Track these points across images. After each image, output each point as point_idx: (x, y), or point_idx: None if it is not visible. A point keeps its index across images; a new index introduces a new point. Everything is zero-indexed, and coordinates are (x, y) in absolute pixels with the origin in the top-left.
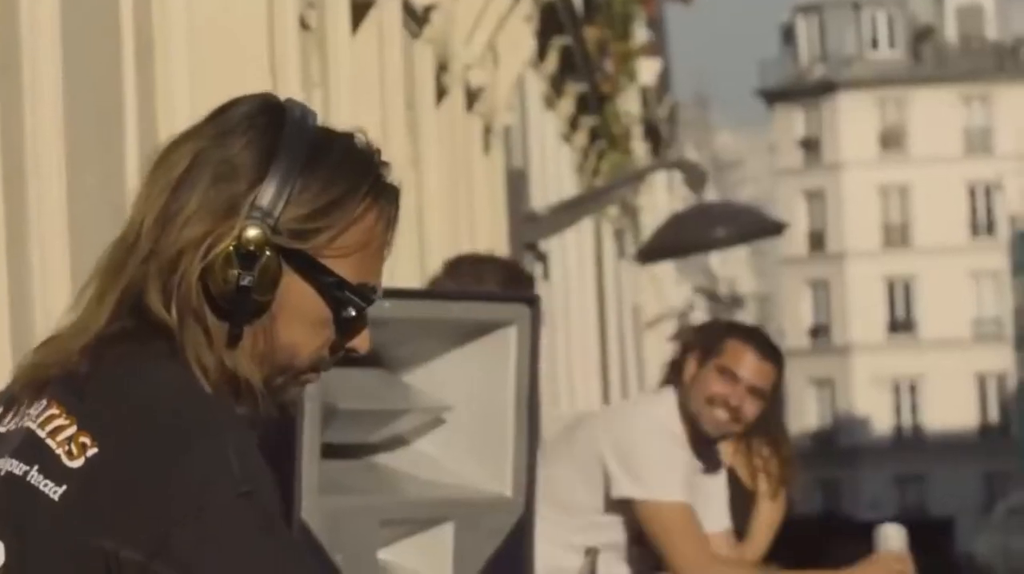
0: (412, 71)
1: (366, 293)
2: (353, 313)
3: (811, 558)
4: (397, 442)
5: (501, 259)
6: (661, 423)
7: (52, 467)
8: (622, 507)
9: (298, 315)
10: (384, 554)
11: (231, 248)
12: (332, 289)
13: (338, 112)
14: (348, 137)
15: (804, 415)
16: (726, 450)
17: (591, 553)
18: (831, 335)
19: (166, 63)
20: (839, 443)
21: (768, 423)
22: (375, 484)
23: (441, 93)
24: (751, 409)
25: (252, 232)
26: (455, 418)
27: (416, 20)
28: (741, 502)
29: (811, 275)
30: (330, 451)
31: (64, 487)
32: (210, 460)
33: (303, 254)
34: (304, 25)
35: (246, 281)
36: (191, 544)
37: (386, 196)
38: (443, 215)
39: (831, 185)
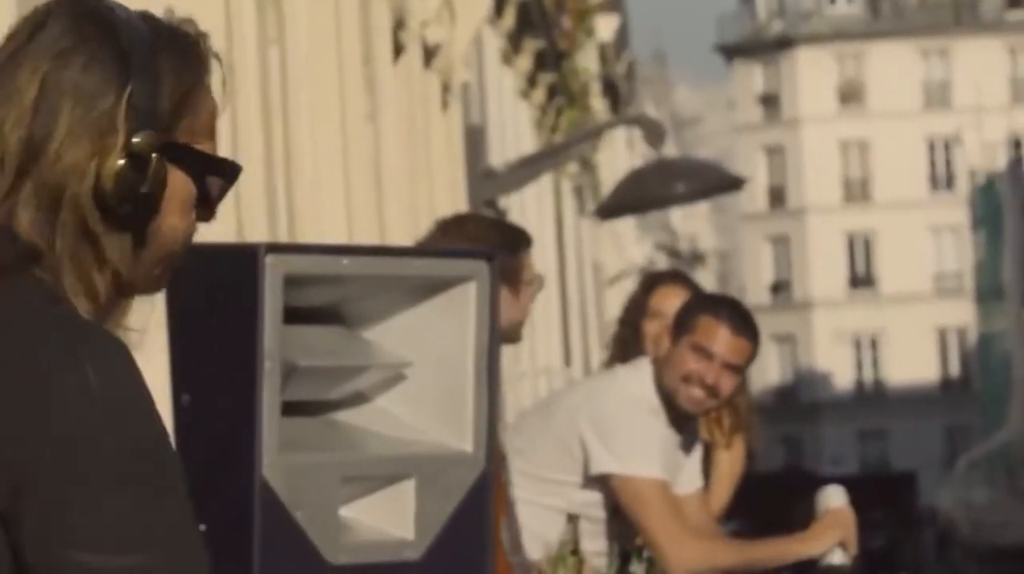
0: (368, 27)
1: (231, 167)
2: (217, 190)
3: (774, 514)
4: (357, 399)
5: (504, 221)
6: (639, 397)
7: None
8: (600, 482)
9: (177, 203)
10: (346, 511)
11: (123, 160)
12: (203, 170)
13: (295, 68)
14: (176, 25)
15: (766, 371)
16: None
17: (573, 520)
18: (792, 291)
19: None
20: (801, 399)
21: None
22: (336, 441)
23: (398, 50)
24: (727, 384)
25: (139, 139)
26: (415, 374)
27: None
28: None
29: (771, 231)
30: (290, 409)
31: None
32: (70, 395)
33: (177, 145)
34: None
35: (145, 188)
36: (55, 486)
37: (214, 75)
38: (401, 172)
39: (791, 141)
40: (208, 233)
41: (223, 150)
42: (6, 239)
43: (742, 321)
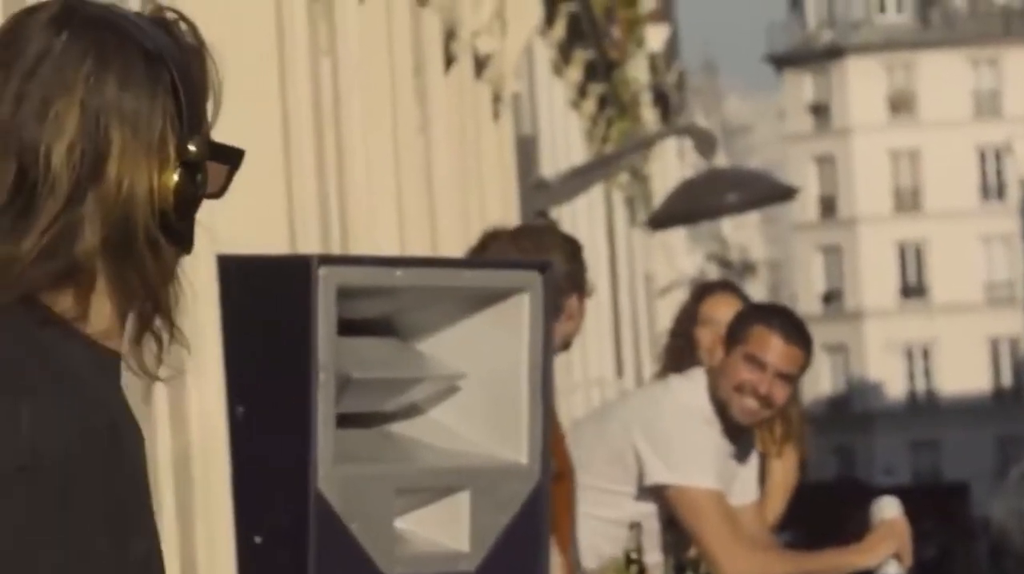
0: (420, 38)
1: (239, 153)
2: (226, 176)
3: (827, 524)
4: (412, 410)
5: (561, 232)
6: (693, 407)
7: None
8: (655, 493)
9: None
10: (400, 523)
11: (178, 173)
12: (219, 159)
13: (346, 80)
14: (168, 18)
15: (818, 381)
16: None
17: (635, 527)
18: (843, 301)
19: None
20: (853, 409)
21: None
22: (390, 453)
23: (449, 60)
24: (780, 394)
25: (194, 148)
26: (469, 386)
27: None
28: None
29: (823, 241)
30: (345, 421)
31: None
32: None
33: (211, 144)
34: None
35: (199, 193)
36: None
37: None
38: (453, 183)
39: (841, 150)
40: (261, 245)
41: (276, 161)
42: (46, 258)
43: (795, 330)
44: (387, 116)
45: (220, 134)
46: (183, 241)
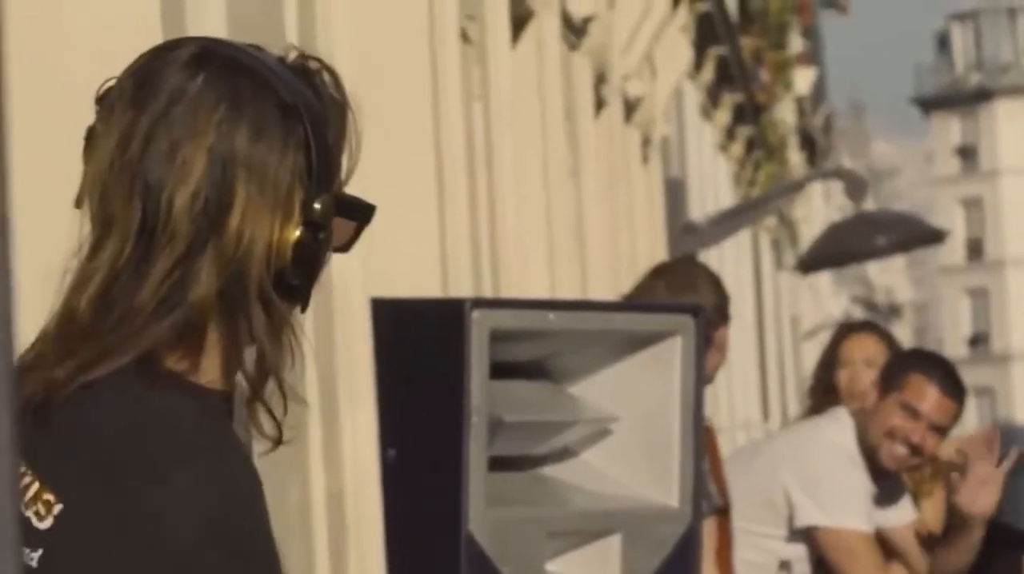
0: (571, 82)
1: (367, 205)
2: (353, 231)
3: (976, 568)
4: (564, 454)
5: (706, 267)
6: (841, 447)
7: (28, 529)
8: (805, 535)
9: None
10: (552, 566)
11: (300, 229)
12: (348, 215)
13: (498, 124)
14: (312, 67)
15: (965, 424)
16: None
17: (785, 566)
18: (990, 344)
19: None
20: (1002, 452)
21: None
22: (542, 496)
23: (599, 104)
24: (932, 444)
25: (319, 206)
26: (621, 429)
27: (574, 32)
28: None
29: (969, 283)
30: (497, 464)
31: (40, 552)
32: (177, 497)
33: (339, 198)
34: (465, 38)
35: (321, 252)
36: None
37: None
38: (603, 226)
39: (989, 193)
40: (415, 289)
41: (429, 205)
42: (168, 312)
43: (952, 383)
44: (538, 160)
45: (377, 178)
46: (298, 298)
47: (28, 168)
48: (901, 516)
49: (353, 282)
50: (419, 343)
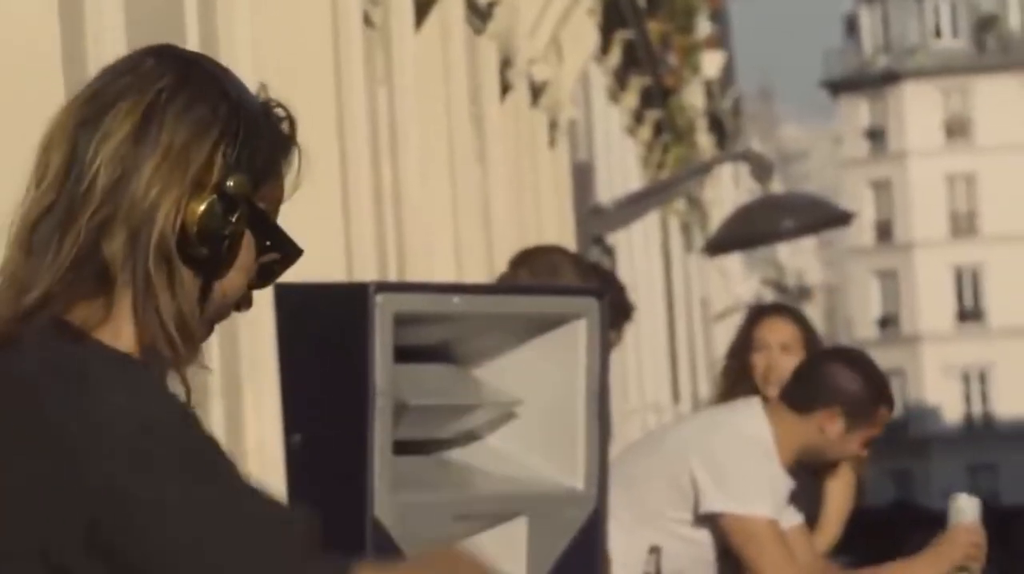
0: (476, 66)
1: (295, 248)
2: (277, 261)
3: (885, 548)
4: (469, 437)
5: (571, 252)
6: (752, 437)
7: None
8: (711, 521)
9: (243, 263)
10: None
11: (213, 199)
12: (268, 242)
13: (403, 108)
14: (270, 102)
15: None
16: None
17: (655, 551)
18: (900, 325)
19: (229, 63)
20: (910, 433)
21: None
22: (447, 479)
23: (505, 88)
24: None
25: (233, 182)
26: (526, 412)
27: (479, 15)
28: (807, 488)
29: (879, 265)
30: (402, 448)
31: None
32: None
33: (258, 206)
34: (368, 22)
35: (228, 231)
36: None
37: (294, 155)
38: (509, 210)
39: (897, 175)
40: (318, 273)
41: (333, 190)
42: (87, 263)
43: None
44: (444, 144)
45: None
46: (202, 271)
47: None
48: (791, 518)
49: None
50: (323, 328)
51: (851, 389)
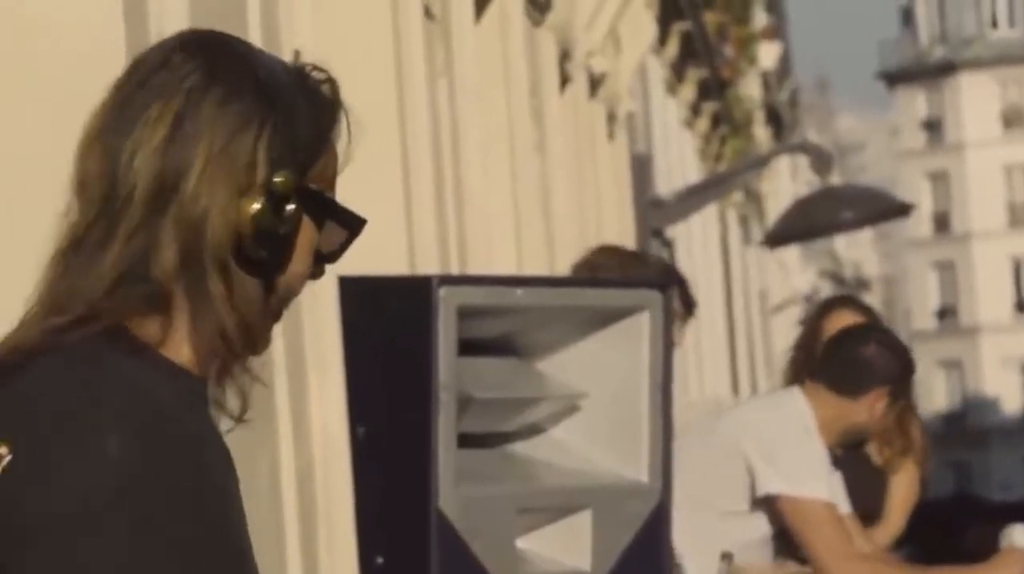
0: (535, 59)
1: (357, 220)
2: (339, 243)
3: (943, 540)
4: (533, 430)
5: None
6: (801, 420)
7: None
8: (766, 503)
9: (304, 251)
10: (522, 542)
11: (261, 202)
12: (329, 216)
13: (463, 101)
14: (307, 69)
15: (933, 397)
16: None
17: (726, 558)
18: (958, 316)
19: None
20: (969, 425)
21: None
22: (512, 472)
23: (564, 80)
24: None
25: (280, 179)
26: (590, 405)
27: (538, 7)
28: (871, 481)
29: (937, 256)
30: (466, 441)
31: None
32: (90, 455)
33: (310, 189)
34: (428, 15)
35: (282, 230)
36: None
37: (342, 120)
38: (569, 203)
39: (955, 166)
40: (382, 266)
41: (395, 182)
42: (135, 280)
43: None
44: (504, 136)
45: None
46: (263, 273)
47: None
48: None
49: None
50: (387, 321)
51: (895, 368)
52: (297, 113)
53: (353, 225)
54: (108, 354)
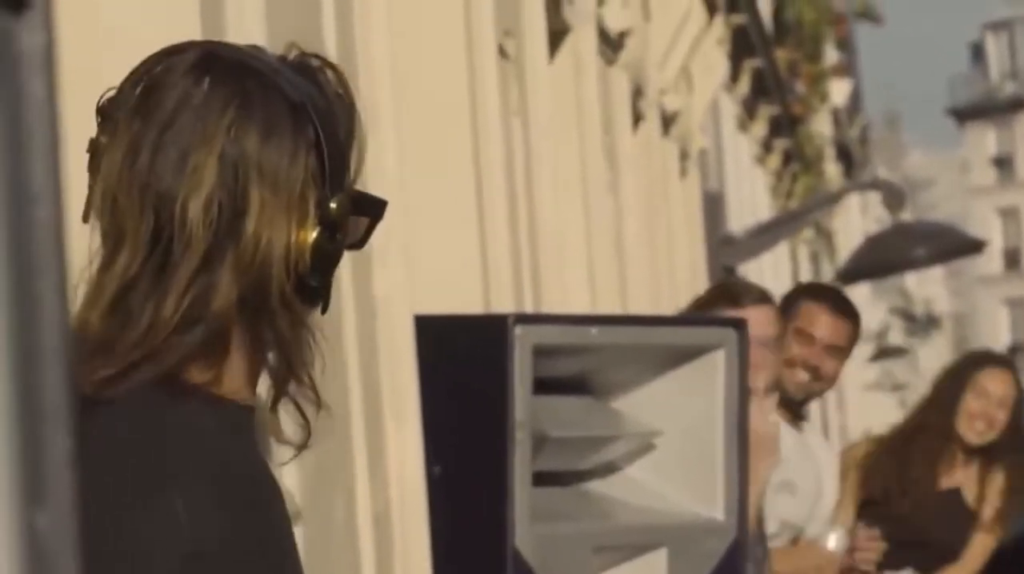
0: (608, 97)
1: (382, 206)
2: (366, 228)
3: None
4: (608, 468)
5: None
6: None
7: None
8: None
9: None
10: None
11: (317, 230)
12: (360, 212)
13: (537, 139)
14: (314, 64)
15: None
16: (954, 466)
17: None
18: None
19: (371, 106)
20: None
21: (1012, 449)
22: (587, 511)
23: (637, 118)
24: (831, 366)
25: (335, 206)
26: (665, 443)
27: (611, 46)
28: (961, 521)
29: (1008, 293)
30: (541, 479)
31: None
32: (157, 519)
33: (354, 197)
34: (503, 54)
35: (336, 251)
36: None
37: (356, 110)
38: (641, 240)
39: None
40: (457, 304)
41: (470, 220)
42: (191, 323)
43: (843, 304)
44: (577, 175)
45: (417, 194)
46: (317, 300)
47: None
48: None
49: (396, 298)
50: (463, 359)
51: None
52: (327, 123)
53: (376, 211)
54: (166, 403)
